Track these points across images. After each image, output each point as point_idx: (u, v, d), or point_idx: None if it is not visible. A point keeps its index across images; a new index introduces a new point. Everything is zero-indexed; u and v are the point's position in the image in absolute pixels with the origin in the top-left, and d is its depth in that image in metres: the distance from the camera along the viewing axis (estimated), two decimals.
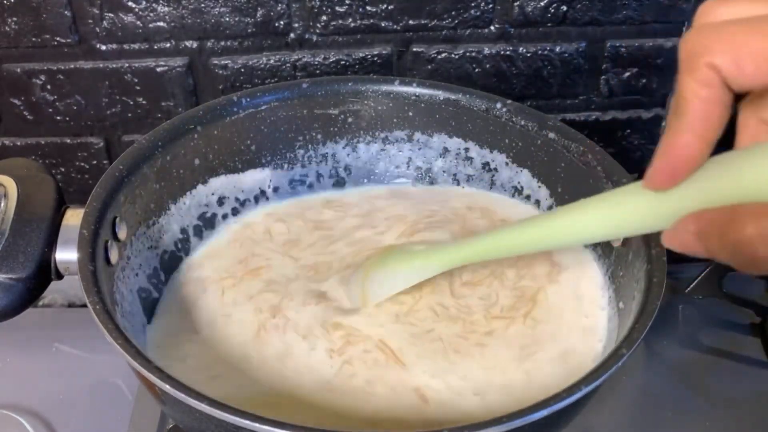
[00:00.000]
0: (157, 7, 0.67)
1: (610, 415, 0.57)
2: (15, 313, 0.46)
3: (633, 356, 0.40)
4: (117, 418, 0.57)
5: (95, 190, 0.48)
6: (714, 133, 0.31)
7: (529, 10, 0.68)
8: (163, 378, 0.38)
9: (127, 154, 0.51)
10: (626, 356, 0.39)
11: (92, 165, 0.76)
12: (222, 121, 0.57)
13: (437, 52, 0.70)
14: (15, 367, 0.62)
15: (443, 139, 0.61)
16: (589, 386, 0.38)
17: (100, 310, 0.41)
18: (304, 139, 0.61)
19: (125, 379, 0.60)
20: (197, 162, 0.56)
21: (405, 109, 0.60)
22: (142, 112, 0.73)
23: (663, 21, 0.69)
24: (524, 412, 0.36)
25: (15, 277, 0.45)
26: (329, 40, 0.69)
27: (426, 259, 0.49)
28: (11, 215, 0.47)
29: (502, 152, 0.59)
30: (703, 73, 0.30)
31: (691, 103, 0.30)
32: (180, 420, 0.43)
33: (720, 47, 0.29)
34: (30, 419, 0.57)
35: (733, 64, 0.29)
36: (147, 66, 0.70)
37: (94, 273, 0.43)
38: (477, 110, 0.58)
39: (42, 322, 0.66)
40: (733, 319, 0.64)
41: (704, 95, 0.30)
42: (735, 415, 0.58)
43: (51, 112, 0.72)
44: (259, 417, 0.35)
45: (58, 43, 0.68)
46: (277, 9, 0.67)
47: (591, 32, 0.70)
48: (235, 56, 0.70)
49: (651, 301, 0.42)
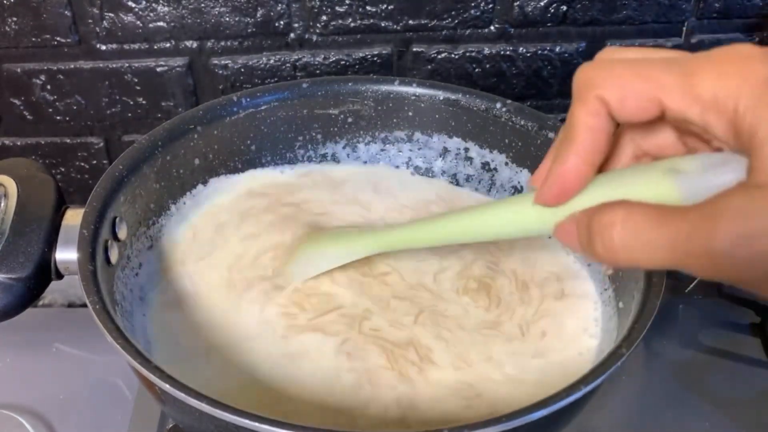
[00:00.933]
0: (157, 7, 0.67)
1: (610, 415, 0.57)
2: (15, 313, 0.46)
3: (633, 356, 0.40)
4: (117, 418, 0.57)
5: (95, 190, 0.48)
6: (599, 157, 0.34)
7: (529, 10, 0.68)
8: (163, 378, 0.38)
9: (127, 154, 0.51)
10: (626, 356, 0.39)
11: (92, 165, 0.76)
12: (222, 121, 0.57)
13: (437, 52, 0.70)
14: (15, 367, 0.62)
15: (443, 139, 0.61)
16: (588, 386, 0.38)
17: (100, 310, 0.41)
18: (304, 139, 0.61)
19: (125, 379, 0.60)
20: (197, 162, 0.56)
21: (405, 109, 0.60)
22: (142, 112, 0.73)
23: (663, 21, 0.69)
24: (524, 412, 0.36)
25: (15, 277, 0.45)
26: (329, 40, 0.69)
27: (351, 243, 0.50)
28: (11, 215, 0.47)
29: (502, 152, 0.59)
30: (593, 104, 0.33)
31: (579, 130, 0.34)
32: (180, 420, 0.43)
33: (609, 83, 0.33)
34: (30, 419, 0.57)
35: (618, 100, 0.33)
36: (147, 66, 0.70)
37: (94, 273, 0.43)
38: (477, 110, 0.58)
39: (42, 322, 0.66)
40: (733, 319, 0.64)
41: (591, 124, 0.33)
42: (735, 415, 0.58)
43: (51, 112, 0.73)
44: (259, 417, 0.35)
45: (58, 43, 0.68)
46: (277, 9, 0.67)
47: (591, 32, 0.70)
48: (235, 56, 0.70)
49: (651, 300, 0.43)
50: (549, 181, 0.35)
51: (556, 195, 0.35)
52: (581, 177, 0.34)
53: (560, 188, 0.35)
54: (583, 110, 0.33)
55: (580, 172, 0.34)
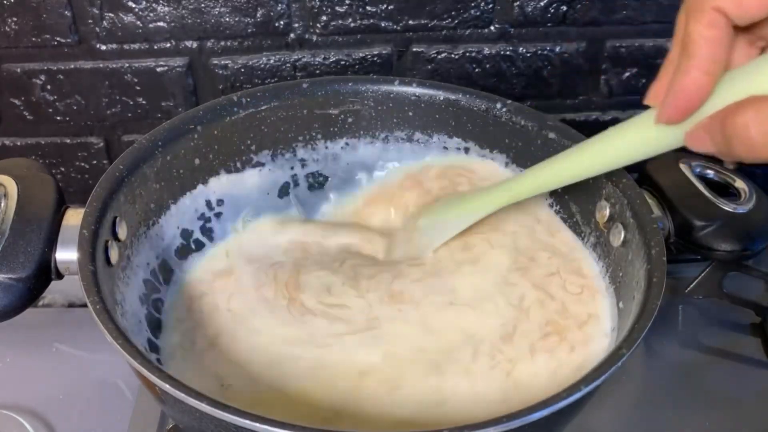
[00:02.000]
0: (157, 7, 0.67)
1: (610, 415, 0.57)
2: (15, 313, 0.46)
3: (633, 356, 0.40)
4: (117, 418, 0.57)
5: (95, 190, 0.48)
6: (720, 69, 0.34)
7: (529, 10, 0.68)
8: (163, 378, 0.38)
9: (127, 154, 0.51)
10: (626, 356, 0.39)
11: (92, 165, 0.76)
12: (222, 121, 0.57)
13: (437, 52, 0.70)
14: (15, 367, 0.62)
15: (443, 139, 0.61)
16: (588, 386, 0.38)
17: (100, 310, 0.41)
18: (304, 139, 0.61)
19: (125, 379, 0.60)
20: (197, 162, 0.56)
21: (405, 109, 0.60)
22: (142, 112, 0.73)
23: (663, 21, 0.69)
24: (524, 412, 0.36)
25: (15, 277, 0.45)
26: (329, 40, 0.69)
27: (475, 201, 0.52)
28: (11, 215, 0.47)
29: (502, 152, 0.59)
30: (710, 15, 0.33)
31: (698, 43, 0.34)
32: (180, 420, 0.43)
33: None
34: (30, 419, 0.57)
35: (736, 5, 0.33)
36: (147, 66, 0.70)
37: (94, 273, 0.43)
38: (477, 110, 0.58)
39: (42, 322, 0.66)
40: (733, 319, 0.64)
41: (711, 36, 0.34)
42: (735, 415, 0.58)
43: (51, 112, 0.73)
44: (259, 417, 0.35)
45: (58, 43, 0.68)
46: (277, 9, 0.67)
47: (591, 32, 0.70)
48: (235, 56, 0.70)
49: (651, 301, 0.43)
50: (671, 97, 0.35)
51: (682, 111, 0.35)
52: (705, 89, 0.34)
53: (685, 103, 0.35)
54: (701, 23, 0.34)
55: (704, 85, 0.34)
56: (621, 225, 0.50)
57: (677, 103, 0.35)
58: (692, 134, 0.36)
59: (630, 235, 0.49)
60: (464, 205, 0.53)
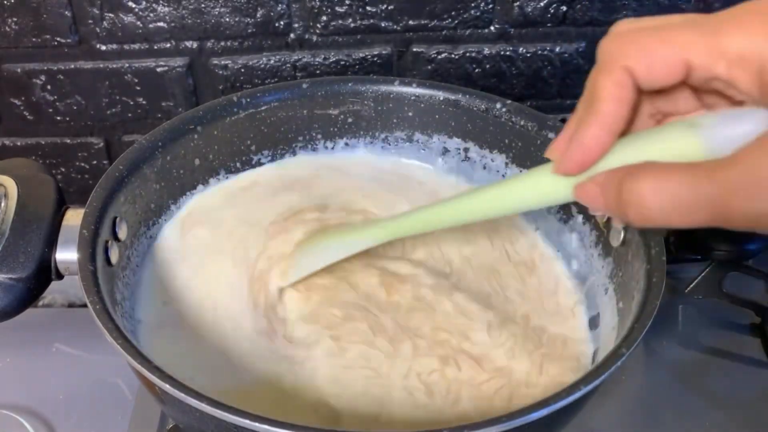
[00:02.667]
0: (157, 7, 0.67)
1: (610, 415, 0.57)
2: (15, 313, 0.46)
3: (633, 356, 0.40)
4: (117, 418, 0.57)
5: (95, 190, 0.48)
6: (621, 127, 0.35)
7: (529, 11, 0.68)
8: (163, 378, 0.38)
9: (127, 154, 0.51)
10: (626, 356, 0.39)
11: (92, 165, 0.76)
12: (222, 121, 0.57)
13: (437, 52, 0.70)
14: (15, 367, 0.62)
15: (443, 139, 0.61)
16: (588, 386, 0.38)
17: (100, 310, 0.41)
18: (304, 139, 0.61)
19: (125, 379, 0.60)
20: (197, 162, 0.56)
21: (405, 109, 0.60)
22: (142, 112, 0.73)
23: None
24: (524, 412, 0.36)
25: (15, 277, 0.45)
26: (329, 40, 0.69)
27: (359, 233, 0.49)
28: (11, 215, 0.47)
29: (502, 152, 0.59)
30: (619, 74, 0.33)
31: (605, 101, 0.34)
32: (180, 420, 0.44)
33: (635, 53, 0.33)
34: (30, 419, 0.57)
35: (646, 69, 0.33)
36: (147, 66, 0.70)
37: (94, 273, 0.43)
38: (477, 110, 0.58)
39: (42, 322, 0.66)
40: (733, 319, 0.64)
41: (617, 94, 0.34)
42: (735, 415, 0.58)
43: (51, 112, 0.73)
44: (259, 417, 0.35)
45: (58, 43, 0.68)
46: (277, 9, 0.67)
47: (591, 32, 0.70)
48: (235, 56, 0.70)
49: (650, 301, 0.43)
50: (571, 150, 0.35)
51: (578, 164, 0.35)
52: (604, 146, 0.35)
53: (582, 157, 0.35)
54: (609, 81, 0.34)
55: (603, 142, 0.35)
56: (621, 225, 0.50)
57: (574, 156, 0.35)
58: (583, 187, 0.36)
59: (629, 235, 0.49)
60: (351, 235, 0.50)
